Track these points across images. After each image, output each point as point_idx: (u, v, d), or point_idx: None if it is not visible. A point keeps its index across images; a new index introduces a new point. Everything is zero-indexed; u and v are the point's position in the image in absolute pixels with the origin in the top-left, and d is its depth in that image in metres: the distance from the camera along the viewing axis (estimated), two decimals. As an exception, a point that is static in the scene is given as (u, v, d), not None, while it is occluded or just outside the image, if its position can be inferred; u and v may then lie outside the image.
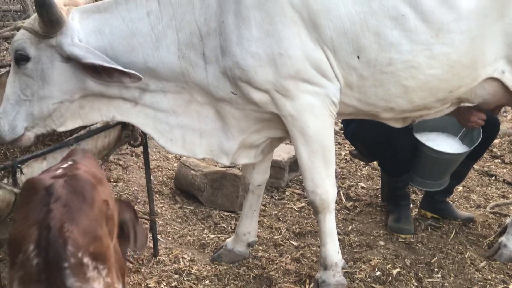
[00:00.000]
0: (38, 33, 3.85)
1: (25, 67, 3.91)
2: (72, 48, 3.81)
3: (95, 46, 3.89)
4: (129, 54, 3.92)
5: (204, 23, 3.88)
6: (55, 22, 3.78)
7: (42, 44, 3.87)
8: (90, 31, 3.93)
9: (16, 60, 3.93)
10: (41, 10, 3.74)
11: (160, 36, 3.93)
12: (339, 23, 3.80)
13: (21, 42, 3.90)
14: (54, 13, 3.75)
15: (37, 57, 3.88)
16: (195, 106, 4.08)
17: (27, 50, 3.89)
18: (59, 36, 3.84)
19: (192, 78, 3.98)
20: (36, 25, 3.85)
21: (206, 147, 4.20)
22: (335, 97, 3.93)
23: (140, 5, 3.96)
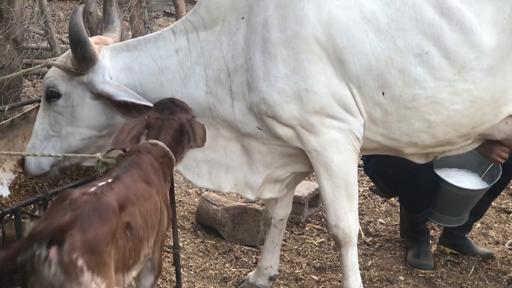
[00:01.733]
0: (70, 70, 3.95)
1: (55, 104, 4.00)
2: (104, 86, 3.91)
3: (125, 83, 3.99)
4: (158, 90, 4.01)
5: (231, 59, 3.97)
6: (88, 59, 3.88)
7: (73, 81, 3.98)
8: (120, 68, 4.03)
9: (47, 97, 4.03)
10: (76, 47, 3.84)
11: (189, 72, 4.02)
12: (364, 60, 3.88)
13: (52, 79, 4.01)
14: (88, 50, 3.85)
15: (68, 94, 3.98)
16: (222, 141, 4.15)
17: (58, 87, 3.99)
18: (91, 73, 3.94)
19: (219, 113, 4.06)
20: (69, 62, 3.96)
21: (232, 181, 4.26)
22: (359, 132, 4.00)
23: (169, 43, 4.06)
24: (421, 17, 3.89)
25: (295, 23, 3.88)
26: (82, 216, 2.83)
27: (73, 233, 2.75)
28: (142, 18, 7.15)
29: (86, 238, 2.78)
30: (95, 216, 2.87)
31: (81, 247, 2.75)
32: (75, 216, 2.83)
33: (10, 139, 4.85)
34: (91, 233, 2.80)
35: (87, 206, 2.89)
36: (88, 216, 2.85)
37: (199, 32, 4.03)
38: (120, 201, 3.06)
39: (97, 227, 2.84)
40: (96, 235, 2.82)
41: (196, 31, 4.03)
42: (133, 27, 7.10)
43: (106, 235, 2.87)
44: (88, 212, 2.87)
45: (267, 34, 3.89)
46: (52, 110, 4.04)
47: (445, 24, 3.89)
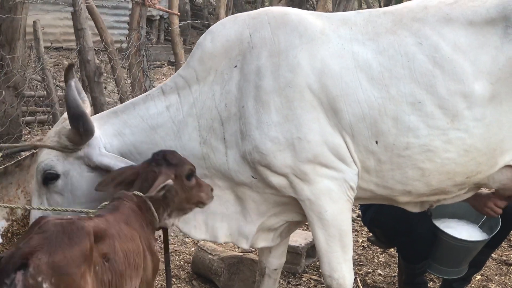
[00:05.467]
0: (67, 148, 3.93)
1: (54, 185, 3.99)
2: (101, 158, 3.91)
3: (119, 149, 4.02)
4: (151, 149, 3.96)
5: (224, 108, 3.95)
6: (89, 132, 3.88)
7: (70, 159, 3.97)
8: (111, 135, 4.04)
9: (45, 181, 3.99)
10: (77, 122, 3.82)
11: (181, 126, 4.02)
12: (357, 108, 3.85)
13: (48, 162, 3.99)
14: (88, 123, 3.85)
15: (66, 172, 3.97)
16: (216, 190, 4.10)
17: (56, 168, 3.98)
18: (86, 147, 3.94)
19: (213, 163, 4.03)
20: (64, 140, 3.95)
21: (227, 230, 4.22)
22: (352, 181, 3.95)
23: (159, 101, 4.07)
24: (414, 66, 3.87)
25: (288, 71, 3.87)
26: (50, 238, 2.81)
27: (39, 255, 2.73)
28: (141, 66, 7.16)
29: (53, 260, 2.75)
30: (65, 238, 2.85)
31: (47, 269, 2.72)
32: (43, 238, 2.81)
33: (3, 187, 4.84)
34: (59, 255, 2.78)
35: (56, 228, 2.87)
36: (57, 238, 2.82)
37: (191, 86, 4.04)
38: (98, 230, 3.03)
39: (65, 249, 2.81)
40: (65, 257, 2.79)
41: (188, 85, 4.05)
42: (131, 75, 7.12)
43: (76, 256, 2.83)
44: (58, 234, 2.85)
45: (260, 82, 3.88)
46: (52, 192, 4.02)
47: (438, 73, 3.87)
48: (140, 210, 3.49)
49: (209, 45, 4.09)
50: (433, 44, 3.91)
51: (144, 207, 3.51)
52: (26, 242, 2.81)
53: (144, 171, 3.63)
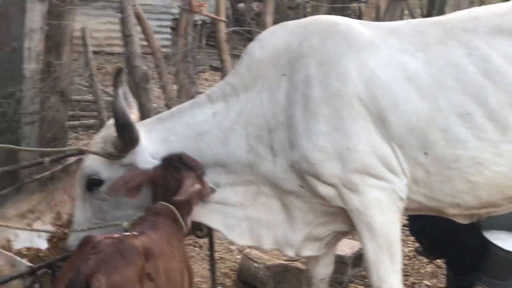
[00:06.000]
0: (112, 155, 3.95)
1: (98, 191, 4.00)
2: (147, 166, 3.89)
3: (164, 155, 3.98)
4: (197, 156, 3.95)
5: (272, 116, 3.94)
6: (134, 140, 3.89)
7: (114, 165, 3.97)
8: (157, 142, 4.03)
9: (89, 186, 4.01)
10: (124, 131, 3.85)
11: (228, 133, 4.01)
12: (406, 119, 3.81)
13: (93, 168, 4.01)
14: (135, 132, 3.87)
15: (110, 178, 3.95)
16: (263, 198, 4.10)
17: (100, 174, 4.00)
18: (131, 154, 3.93)
19: (260, 171, 4.02)
20: (109, 147, 3.96)
21: (272, 238, 4.20)
22: (402, 192, 3.91)
23: (205, 108, 4.07)
24: (463, 77, 3.83)
25: (337, 81, 3.84)
26: (106, 259, 2.83)
27: (99, 277, 2.75)
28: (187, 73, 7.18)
29: (112, 282, 2.77)
30: (119, 258, 2.87)
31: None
32: (98, 260, 2.82)
33: (50, 191, 4.88)
34: (116, 275, 2.80)
35: (109, 248, 2.89)
36: (111, 259, 2.84)
37: (239, 93, 4.04)
38: (145, 249, 3.03)
39: (121, 269, 2.83)
40: (122, 277, 2.81)
41: (235, 92, 4.04)
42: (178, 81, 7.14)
43: (132, 276, 2.86)
44: (111, 254, 2.87)
45: (308, 91, 3.86)
46: (95, 198, 4.03)
47: (488, 85, 3.81)
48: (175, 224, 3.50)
49: (258, 53, 4.09)
50: (483, 55, 3.86)
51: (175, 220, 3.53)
52: (84, 264, 2.82)
53: (162, 177, 3.64)
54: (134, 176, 3.69)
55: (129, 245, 2.95)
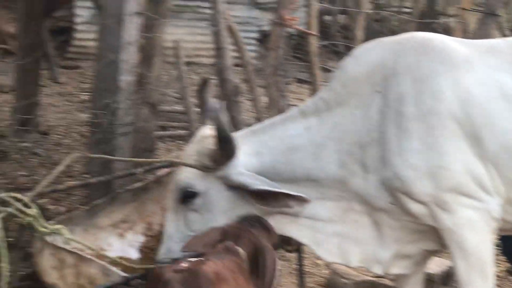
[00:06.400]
0: (208, 167, 4.00)
1: (192, 203, 4.05)
2: (240, 177, 3.95)
3: (257, 168, 4.03)
4: (289, 170, 4.01)
5: (365, 133, 3.94)
6: (233, 153, 3.94)
7: (209, 177, 4.02)
8: (249, 155, 4.06)
9: (183, 198, 4.07)
10: (224, 145, 3.91)
11: (320, 148, 4.02)
12: (502, 138, 3.77)
13: (187, 180, 4.07)
14: (234, 146, 3.93)
15: (204, 191, 4.03)
16: (352, 214, 4.10)
17: (195, 186, 4.05)
18: (226, 166, 3.97)
19: (351, 186, 4.01)
20: (205, 159, 4.01)
21: (361, 255, 4.19)
22: (495, 212, 3.86)
23: (298, 123, 4.09)
24: None
25: (431, 98, 3.83)
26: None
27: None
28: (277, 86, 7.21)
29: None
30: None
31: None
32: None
33: (142, 202, 4.96)
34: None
35: (181, 286, 2.89)
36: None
37: (332, 108, 4.03)
38: (218, 275, 3.03)
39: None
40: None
41: (329, 108, 4.04)
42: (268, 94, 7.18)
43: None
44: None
45: (402, 108, 3.85)
46: (189, 210, 4.09)
47: None
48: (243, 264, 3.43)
49: (352, 69, 4.09)
50: None
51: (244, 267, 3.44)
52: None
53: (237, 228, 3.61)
54: (207, 234, 3.69)
55: (201, 277, 2.94)
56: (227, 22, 6.94)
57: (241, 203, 4.00)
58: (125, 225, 4.84)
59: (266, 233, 3.58)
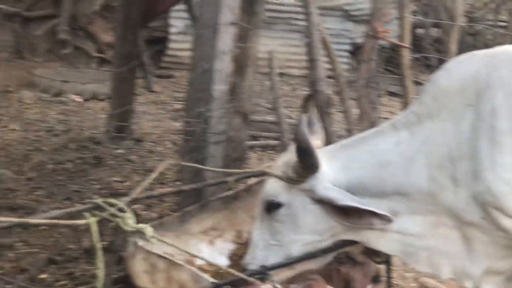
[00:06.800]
0: (292, 179, 4.03)
1: (276, 214, 4.09)
2: (326, 191, 3.95)
3: (344, 183, 4.03)
4: (378, 185, 4.00)
5: (456, 147, 3.90)
6: (314, 167, 3.96)
7: (294, 190, 4.05)
8: (338, 169, 4.06)
9: (268, 208, 4.13)
10: (303, 157, 3.93)
11: (410, 162, 3.98)
12: None
13: (273, 191, 4.13)
14: (315, 159, 3.94)
15: (289, 203, 4.06)
16: (442, 228, 4.06)
17: (279, 197, 4.09)
18: (312, 180, 3.99)
19: (441, 200, 3.98)
20: (290, 171, 4.04)
21: (451, 268, 4.14)
22: None
23: (389, 137, 4.07)
24: None
25: None
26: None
27: None
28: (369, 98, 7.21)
29: None
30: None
31: None
32: None
33: (233, 210, 5.03)
34: None
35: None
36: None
37: (423, 122, 4.00)
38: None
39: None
40: None
41: (420, 121, 4.02)
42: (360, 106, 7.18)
43: None
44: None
45: (495, 122, 3.79)
46: (273, 220, 4.13)
47: None
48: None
49: (444, 82, 4.06)
50: None
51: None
52: None
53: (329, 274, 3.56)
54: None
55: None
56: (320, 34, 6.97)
57: (325, 217, 4.01)
58: (215, 232, 4.92)
59: (358, 266, 3.49)
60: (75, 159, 8.81)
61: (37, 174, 8.21)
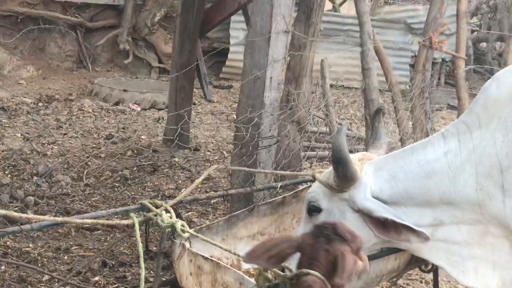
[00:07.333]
0: (332, 187, 4.05)
1: (316, 218, 4.10)
2: (365, 202, 3.95)
3: (389, 193, 4.02)
4: (424, 195, 3.97)
5: (505, 156, 3.85)
6: (349, 178, 3.96)
7: (335, 198, 4.06)
8: (384, 180, 4.05)
9: (309, 211, 4.15)
10: (338, 166, 3.95)
11: (457, 171, 3.95)
12: None
13: (314, 195, 4.15)
14: (349, 170, 3.94)
15: (329, 209, 4.07)
16: (490, 238, 4.02)
17: (320, 202, 4.11)
18: (352, 190, 4.00)
19: (488, 210, 3.94)
20: (331, 179, 4.06)
21: (499, 279, 4.09)
22: None
23: (438, 147, 4.04)
24: None
25: None
26: None
27: None
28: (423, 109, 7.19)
29: None
30: None
31: None
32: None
33: (280, 215, 5.06)
34: None
35: None
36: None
37: (472, 132, 3.97)
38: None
39: None
40: None
41: (469, 131, 3.98)
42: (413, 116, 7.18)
43: None
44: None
45: None
46: (313, 223, 4.12)
47: None
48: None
49: (495, 91, 4.02)
50: None
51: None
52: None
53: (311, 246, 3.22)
54: (276, 244, 3.31)
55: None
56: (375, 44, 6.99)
57: (364, 227, 4.00)
58: (262, 237, 4.94)
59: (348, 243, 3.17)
60: (132, 166, 8.95)
61: (95, 181, 8.36)
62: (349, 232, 3.21)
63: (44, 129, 10.43)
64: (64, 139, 10.14)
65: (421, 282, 6.17)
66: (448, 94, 14.83)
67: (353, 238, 3.20)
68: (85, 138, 10.24)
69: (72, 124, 10.94)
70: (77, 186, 8.09)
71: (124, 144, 9.98)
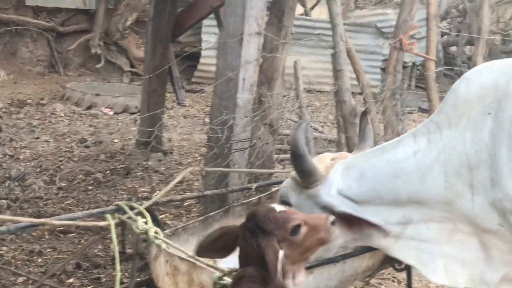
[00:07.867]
0: (299, 183, 4.11)
1: None
2: (326, 198, 4.01)
3: (358, 191, 4.06)
4: (393, 193, 4.02)
5: (474, 155, 3.89)
6: (307, 173, 4.03)
7: (303, 194, 4.12)
8: (353, 178, 4.10)
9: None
10: (295, 162, 4.04)
11: (426, 171, 3.99)
12: None
13: (285, 190, 4.23)
14: (306, 165, 4.01)
15: (298, 205, 4.09)
16: (459, 235, 4.06)
17: (289, 198, 4.17)
18: (319, 187, 4.06)
19: (457, 208, 3.97)
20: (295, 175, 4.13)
21: (468, 276, 4.13)
22: None
23: (408, 146, 4.08)
24: None
25: None
26: None
27: None
28: (394, 110, 7.25)
29: None
30: None
31: None
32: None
33: (255, 216, 5.06)
34: None
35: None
36: None
37: (442, 131, 4.01)
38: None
39: None
40: None
41: (439, 130, 4.03)
42: (385, 118, 7.24)
43: None
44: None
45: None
46: None
47: None
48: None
49: (464, 91, 4.06)
50: None
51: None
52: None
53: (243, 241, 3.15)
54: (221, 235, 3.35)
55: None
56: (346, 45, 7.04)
57: None
58: (237, 238, 4.96)
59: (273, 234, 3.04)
60: (105, 169, 8.95)
61: (68, 184, 8.36)
62: (272, 221, 3.07)
63: (16, 133, 10.40)
64: (37, 143, 10.12)
65: (393, 281, 6.20)
66: (419, 97, 14.94)
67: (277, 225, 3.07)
68: (58, 142, 10.22)
69: (44, 128, 10.92)
70: (50, 189, 8.09)
71: (97, 147, 9.98)
